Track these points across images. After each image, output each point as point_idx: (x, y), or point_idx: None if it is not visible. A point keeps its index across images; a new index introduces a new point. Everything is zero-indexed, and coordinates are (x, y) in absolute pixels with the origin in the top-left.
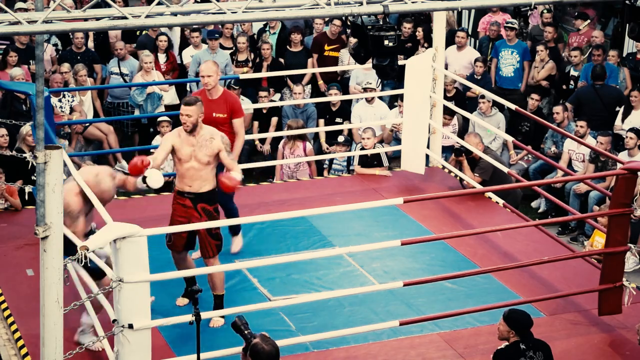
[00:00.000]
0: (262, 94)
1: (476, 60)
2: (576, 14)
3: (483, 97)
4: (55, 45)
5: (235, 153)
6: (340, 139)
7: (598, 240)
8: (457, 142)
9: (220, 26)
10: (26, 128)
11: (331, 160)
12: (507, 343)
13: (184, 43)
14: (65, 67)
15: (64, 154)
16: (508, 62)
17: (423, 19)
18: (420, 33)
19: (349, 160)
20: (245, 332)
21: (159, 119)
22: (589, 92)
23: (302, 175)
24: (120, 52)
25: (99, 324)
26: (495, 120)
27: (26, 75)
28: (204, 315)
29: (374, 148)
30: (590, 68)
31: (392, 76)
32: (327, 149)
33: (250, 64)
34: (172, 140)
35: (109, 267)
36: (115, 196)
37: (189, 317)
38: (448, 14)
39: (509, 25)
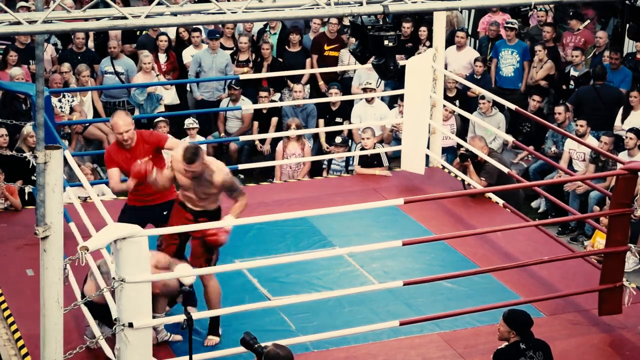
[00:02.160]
0: (263, 94)
1: (476, 60)
2: (571, 13)
3: (483, 97)
4: (54, 44)
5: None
6: (338, 139)
7: (599, 241)
8: (462, 147)
9: (220, 26)
10: (27, 128)
11: (330, 161)
12: (507, 343)
13: (180, 43)
14: (66, 67)
15: (68, 155)
16: (508, 62)
17: (427, 18)
18: (424, 32)
19: (348, 160)
20: (255, 346)
21: (156, 119)
22: (589, 92)
23: (302, 175)
24: (114, 50)
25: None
26: (495, 121)
27: (26, 75)
28: (196, 315)
29: (374, 148)
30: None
31: (388, 76)
32: (327, 148)
33: (250, 64)
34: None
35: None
36: (115, 196)
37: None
38: (450, 15)
39: (509, 25)
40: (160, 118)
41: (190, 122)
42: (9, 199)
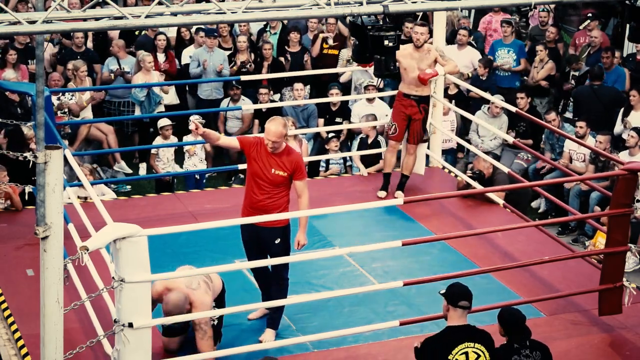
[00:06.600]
0: (263, 91)
1: (479, 61)
2: (590, 15)
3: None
4: (59, 43)
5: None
6: (331, 134)
7: (600, 241)
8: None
9: (216, 25)
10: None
11: (327, 161)
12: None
13: (181, 42)
14: (79, 64)
15: (68, 155)
16: (505, 60)
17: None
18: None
19: (345, 159)
20: None
21: (161, 124)
22: (587, 92)
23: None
24: (116, 49)
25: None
26: (500, 121)
27: (23, 76)
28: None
29: (375, 137)
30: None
31: (385, 75)
32: (327, 147)
33: (238, 64)
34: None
35: None
36: (116, 196)
37: (189, 317)
38: (452, 14)
39: (506, 20)
40: (166, 122)
41: (195, 118)
42: (12, 197)
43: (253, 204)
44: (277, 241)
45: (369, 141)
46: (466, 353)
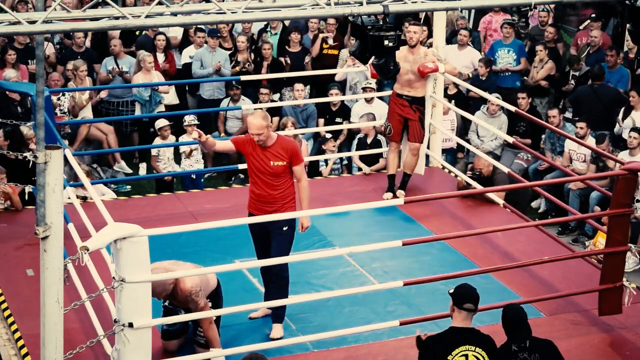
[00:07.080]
0: (264, 91)
1: (480, 61)
2: (592, 15)
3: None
4: (59, 43)
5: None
6: (327, 135)
7: (600, 241)
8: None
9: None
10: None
11: (326, 161)
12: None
13: (186, 41)
14: (79, 64)
15: (68, 155)
16: (505, 60)
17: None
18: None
19: (347, 158)
20: None
21: (159, 125)
22: (588, 92)
23: None
24: (114, 48)
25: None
26: (499, 121)
27: (23, 76)
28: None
29: (375, 137)
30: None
31: (388, 76)
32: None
33: (241, 65)
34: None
35: None
36: (115, 196)
37: (189, 317)
38: (451, 14)
39: (507, 21)
40: (165, 122)
41: (191, 119)
42: (12, 197)
43: (262, 198)
44: (285, 228)
45: (369, 140)
46: (466, 356)
